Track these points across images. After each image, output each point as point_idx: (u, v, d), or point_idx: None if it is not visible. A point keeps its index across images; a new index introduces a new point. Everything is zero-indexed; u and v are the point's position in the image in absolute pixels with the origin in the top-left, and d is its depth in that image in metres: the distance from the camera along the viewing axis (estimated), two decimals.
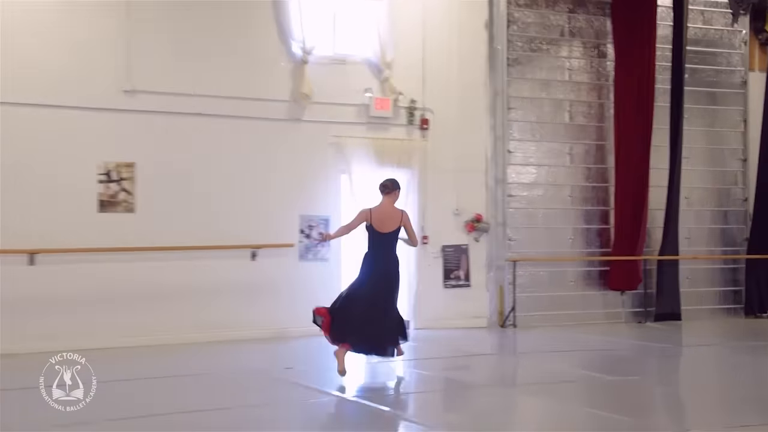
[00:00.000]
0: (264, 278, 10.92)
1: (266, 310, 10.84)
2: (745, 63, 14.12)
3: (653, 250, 13.26)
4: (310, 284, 11.09)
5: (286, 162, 11.23)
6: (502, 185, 12.52)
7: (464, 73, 12.27)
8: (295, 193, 11.23)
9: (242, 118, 10.98)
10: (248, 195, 11.00)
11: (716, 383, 8.27)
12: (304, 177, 11.30)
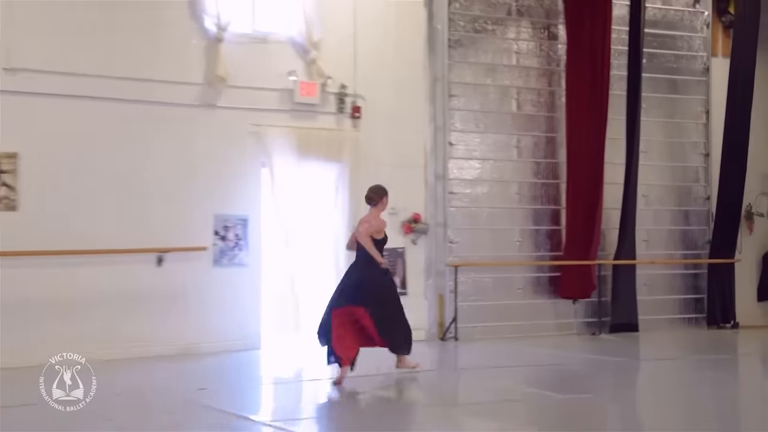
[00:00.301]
0: (172, 287, 10.85)
1: (175, 322, 10.77)
2: (707, 47, 14.47)
3: (608, 254, 13.50)
4: (226, 293, 11.16)
5: (198, 154, 11.15)
6: (442, 181, 12.63)
7: (401, 56, 12.36)
8: (208, 189, 11.17)
9: (147, 103, 10.88)
10: (154, 191, 10.90)
11: (675, 401, 8.31)
12: (218, 171, 11.23)
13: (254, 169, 11.46)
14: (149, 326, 10.67)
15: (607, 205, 13.36)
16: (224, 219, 11.25)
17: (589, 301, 13.30)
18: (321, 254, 11.68)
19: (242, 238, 11.33)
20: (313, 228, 11.68)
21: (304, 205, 11.61)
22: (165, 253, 10.80)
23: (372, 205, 9.07)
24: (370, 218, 9.00)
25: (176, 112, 11.05)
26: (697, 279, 14.26)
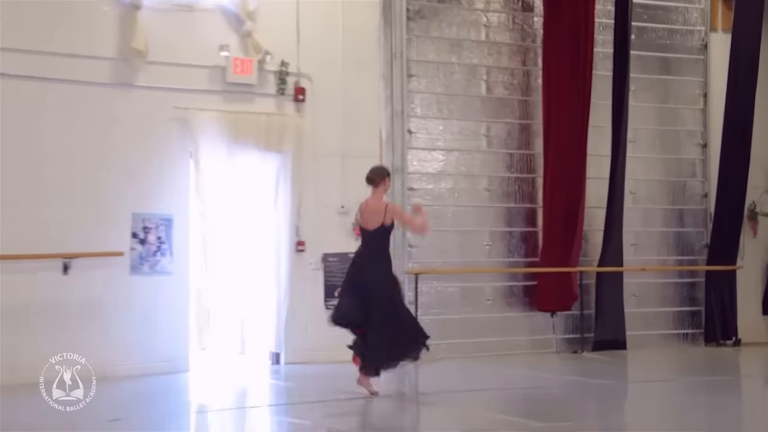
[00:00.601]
0: (81, 298, 10.76)
1: (85, 341, 10.46)
2: (705, 21, 14.54)
3: (592, 260, 13.53)
4: (147, 306, 11.09)
5: (112, 142, 11.06)
6: (400, 175, 12.62)
7: (351, 29, 12.36)
8: (125, 184, 11.10)
9: (50, 80, 10.75)
10: (58, 186, 10.79)
11: (667, 429, 8.30)
12: (137, 162, 11.15)
13: (179, 160, 11.39)
14: (53, 345, 10.16)
15: (590, 203, 13.39)
16: (144, 219, 11.18)
17: (569, 314, 13.33)
18: (260, 259, 11.70)
19: (165, 242, 11.28)
20: (251, 228, 11.68)
21: (239, 201, 11.59)
22: (72, 259, 10.68)
23: (373, 186, 9.56)
24: (375, 200, 9.52)
25: (85, 92, 10.93)
26: (693, 289, 14.33)
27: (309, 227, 12.04)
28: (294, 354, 11.76)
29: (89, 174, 10.93)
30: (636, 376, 11.75)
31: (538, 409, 9.16)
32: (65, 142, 10.84)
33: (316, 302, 12.03)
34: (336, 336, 11.67)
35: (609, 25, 13.58)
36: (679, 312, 14.15)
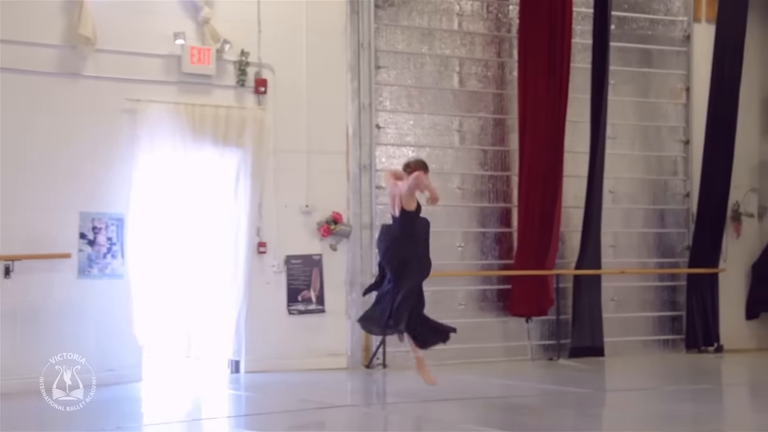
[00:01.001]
0: (24, 304, 10.59)
1: (27, 350, 10.41)
2: (688, 11, 14.49)
3: (569, 263, 13.50)
4: (96, 311, 10.88)
5: (58, 136, 10.89)
6: (368, 173, 12.53)
7: (316, 17, 12.29)
8: (72, 181, 10.92)
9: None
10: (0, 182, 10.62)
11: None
12: (85, 158, 10.98)
13: (132, 155, 11.22)
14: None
15: (567, 203, 13.36)
16: (93, 218, 11.03)
17: (545, 319, 13.27)
18: (219, 261, 11.60)
19: (117, 243, 11.14)
20: (209, 229, 11.60)
21: (196, 200, 11.53)
22: (15, 262, 10.52)
23: (407, 171, 9.69)
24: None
25: (28, 82, 10.79)
26: (674, 293, 14.29)
27: (271, 227, 11.97)
28: (254, 362, 11.67)
29: (33, 170, 10.76)
30: (614, 385, 11.74)
31: (512, 419, 9.11)
32: (6, 135, 10.65)
33: (278, 307, 11.98)
34: (299, 343, 12.04)
35: (588, 15, 13.55)
36: (659, 317, 14.15)
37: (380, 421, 9.42)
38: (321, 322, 12.09)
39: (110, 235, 11.03)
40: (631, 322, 13.90)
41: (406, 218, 9.61)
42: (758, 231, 14.81)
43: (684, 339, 14.09)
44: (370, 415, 9.76)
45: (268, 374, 11.47)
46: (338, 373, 11.83)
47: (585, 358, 13.01)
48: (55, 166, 10.81)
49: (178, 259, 11.38)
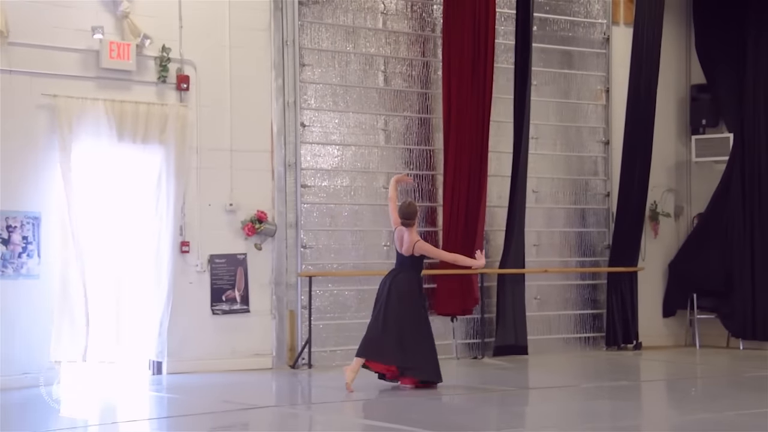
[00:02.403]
0: None
1: None
2: (607, 14, 14.58)
3: (493, 261, 13.42)
4: (11, 312, 10.55)
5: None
6: (293, 171, 12.39)
7: (239, 13, 12.13)
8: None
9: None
10: None
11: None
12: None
13: (48, 152, 10.92)
14: None
15: (491, 202, 13.40)
16: (8, 217, 10.64)
17: (470, 318, 13.24)
18: (140, 260, 11.33)
19: (32, 242, 10.78)
20: (129, 227, 11.29)
21: (115, 198, 11.20)
22: None
23: (409, 227, 10.41)
24: (410, 236, 10.36)
25: None
26: (595, 291, 14.40)
27: (194, 226, 11.69)
28: (177, 363, 11.36)
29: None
30: (537, 383, 11.69)
31: (423, 418, 8.90)
32: None
33: (201, 307, 11.73)
34: (223, 344, 11.72)
35: (511, 15, 13.53)
36: (580, 315, 14.19)
37: (305, 422, 9.27)
38: (246, 322, 11.93)
39: (26, 234, 10.64)
40: (554, 321, 13.99)
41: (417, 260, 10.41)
42: (675, 230, 14.96)
43: (604, 336, 14.12)
44: (295, 415, 9.60)
45: (191, 375, 11.26)
46: (263, 374, 11.71)
47: (509, 357, 13.02)
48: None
49: (98, 258, 10.95)
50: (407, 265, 10.33)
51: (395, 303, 10.14)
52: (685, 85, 14.98)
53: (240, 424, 8.98)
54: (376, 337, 10.08)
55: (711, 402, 9.84)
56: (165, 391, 10.60)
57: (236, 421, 9.04)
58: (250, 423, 9.03)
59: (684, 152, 14.90)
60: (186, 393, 10.33)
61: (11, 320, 10.43)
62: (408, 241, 10.24)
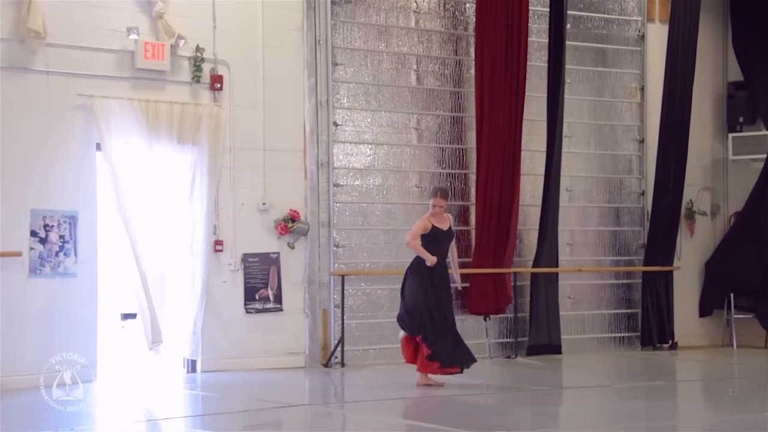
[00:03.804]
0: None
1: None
2: (642, 11, 14.52)
3: (526, 261, 13.46)
4: (48, 311, 10.67)
5: (6, 131, 10.62)
6: (326, 171, 12.46)
7: (273, 13, 12.21)
8: (23, 177, 10.70)
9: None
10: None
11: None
12: (37, 154, 10.77)
13: (85, 152, 11.09)
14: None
15: (524, 201, 13.38)
16: (45, 216, 10.76)
17: (503, 317, 13.23)
18: (174, 259, 11.40)
19: (69, 241, 10.90)
20: (164, 226, 11.35)
21: (151, 197, 11.28)
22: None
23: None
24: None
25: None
26: (629, 290, 14.36)
27: (227, 225, 11.81)
28: (211, 361, 11.53)
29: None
30: (570, 382, 11.74)
31: (467, 418, 8.98)
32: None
33: (235, 306, 11.83)
34: (256, 342, 11.87)
35: (544, 13, 13.53)
36: (615, 314, 14.16)
37: (338, 421, 9.35)
38: (279, 320, 12.03)
39: (62, 233, 10.77)
40: (588, 320, 13.95)
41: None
42: (711, 229, 14.91)
43: (639, 336, 14.11)
44: (328, 414, 9.66)
45: (225, 373, 11.38)
46: (296, 372, 11.76)
47: (542, 356, 12.99)
48: (4, 163, 10.52)
49: (134, 257, 11.03)
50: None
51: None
52: (721, 82, 14.96)
53: (273, 422, 9.03)
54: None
55: (748, 402, 9.82)
56: (199, 389, 10.75)
57: (270, 419, 9.08)
58: (283, 421, 9.07)
59: (720, 150, 14.87)
60: (220, 391, 10.41)
61: (48, 318, 10.58)
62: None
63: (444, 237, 10.41)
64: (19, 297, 10.50)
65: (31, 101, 10.70)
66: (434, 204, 10.37)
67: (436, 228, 10.33)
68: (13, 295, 10.46)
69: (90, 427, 8.77)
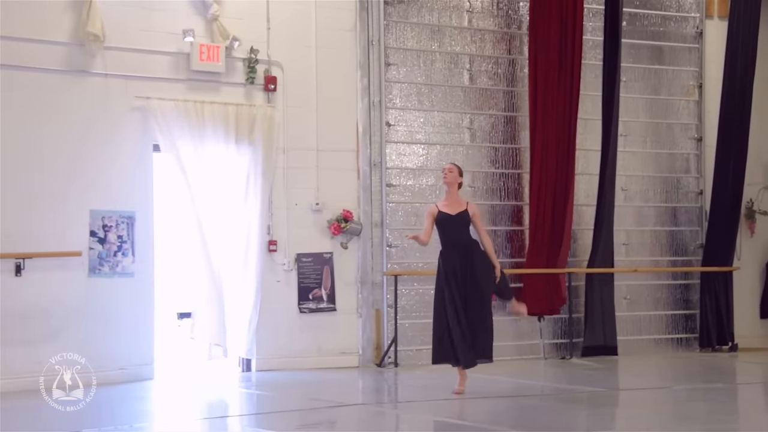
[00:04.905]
0: (35, 302, 10.59)
1: (38, 345, 10.39)
2: (701, 7, 14.50)
3: (581, 261, 13.52)
4: (106, 309, 10.92)
5: (67, 133, 10.91)
6: (378, 171, 12.61)
7: (326, 13, 12.37)
8: (82, 179, 10.94)
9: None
10: (10, 181, 10.62)
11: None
12: (95, 155, 11.03)
13: (142, 153, 11.34)
14: (4, 352, 10.33)
15: (579, 200, 13.40)
16: (104, 216, 11.01)
17: (557, 317, 13.29)
18: (229, 259, 11.57)
19: (127, 241, 11.13)
20: (219, 226, 11.54)
21: (207, 198, 11.49)
22: (25, 260, 10.51)
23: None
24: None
25: (37, 80, 10.78)
26: (687, 291, 14.28)
27: (281, 226, 12.00)
28: (265, 360, 11.73)
29: (43, 168, 10.77)
30: (627, 384, 11.68)
31: (522, 419, 9.05)
32: (15, 133, 10.65)
33: (288, 305, 11.99)
34: (309, 342, 12.07)
35: (599, 11, 13.56)
36: (672, 315, 14.12)
37: (392, 421, 9.39)
38: (332, 320, 12.14)
39: (120, 233, 11.01)
40: (644, 321, 13.89)
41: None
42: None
43: (698, 338, 14.04)
44: (381, 413, 9.72)
45: (279, 372, 11.55)
46: (349, 372, 11.88)
47: (598, 357, 13.02)
48: (65, 164, 10.81)
49: (190, 257, 11.35)
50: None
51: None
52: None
53: (327, 421, 9.09)
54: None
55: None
56: (254, 388, 10.90)
57: (324, 418, 9.15)
58: (337, 421, 9.13)
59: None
60: (275, 390, 10.57)
61: (107, 317, 10.83)
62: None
63: (452, 222, 9.99)
64: (79, 296, 10.74)
65: (90, 104, 10.93)
66: (445, 169, 10.16)
67: (442, 213, 10.01)
68: (73, 294, 10.72)
69: (148, 424, 8.99)
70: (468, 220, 10.04)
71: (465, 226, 10.04)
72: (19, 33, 10.66)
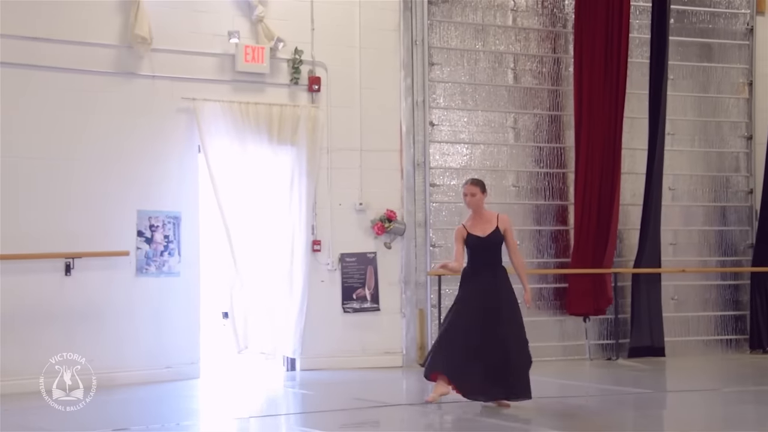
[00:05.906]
0: (84, 301, 10.78)
1: (87, 343, 10.53)
2: (751, 3, 14.44)
3: (627, 261, 13.56)
4: (153, 308, 11.15)
5: (114, 134, 11.10)
6: (422, 170, 12.72)
7: (369, 14, 12.49)
8: (129, 179, 11.14)
9: (46, 69, 10.78)
10: (59, 182, 10.82)
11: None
12: (142, 156, 11.22)
13: (187, 153, 11.50)
14: (54, 350, 10.09)
15: (625, 200, 13.47)
16: (150, 216, 11.22)
17: (603, 318, 13.33)
18: (274, 259, 11.71)
19: (173, 241, 11.32)
20: (264, 226, 11.70)
21: (251, 198, 11.64)
22: (75, 259, 10.70)
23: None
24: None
25: (85, 82, 10.98)
26: (737, 292, 14.28)
27: (325, 226, 12.16)
28: (310, 360, 11.92)
29: (91, 169, 10.98)
30: (675, 386, 11.64)
31: (568, 419, 9.12)
32: (65, 134, 10.89)
33: (332, 305, 12.17)
34: (353, 341, 12.20)
35: (646, 8, 13.58)
36: (721, 316, 14.12)
37: (436, 421, 9.38)
38: (376, 320, 12.28)
39: (167, 233, 11.20)
40: (693, 322, 13.90)
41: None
42: None
43: (748, 339, 14.05)
44: (425, 414, 9.59)
45: (324, 372, 11.69)
46: (393, 372, 11.98)
47: (644, 358, 13.05)
48: (112, 165, 10.99)
49: (235, 257, 11.47)
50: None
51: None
52: None
53: (372, 421, 9.15)
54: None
55: None
56: (299, 387, 11.06)
57: (368, 418, 9.21)
58: (381, 421, 9.20)
59: None
60: (319, 389, 10.70)
61: (154, 316, 11.07)
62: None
63: (481, 245, 9.31)
64: (127, 295, 10.94)
65: (137, 105, 11.12)
66: (464, 193, 9.48)
67: (473, 236, 9.31)
68: (121, 294, 10.91)
69: (195, 422, 9.13)
70: (500, 239, 9.38)
71: (498, 246, 9.40)
72: (68, 36, 10.84)
